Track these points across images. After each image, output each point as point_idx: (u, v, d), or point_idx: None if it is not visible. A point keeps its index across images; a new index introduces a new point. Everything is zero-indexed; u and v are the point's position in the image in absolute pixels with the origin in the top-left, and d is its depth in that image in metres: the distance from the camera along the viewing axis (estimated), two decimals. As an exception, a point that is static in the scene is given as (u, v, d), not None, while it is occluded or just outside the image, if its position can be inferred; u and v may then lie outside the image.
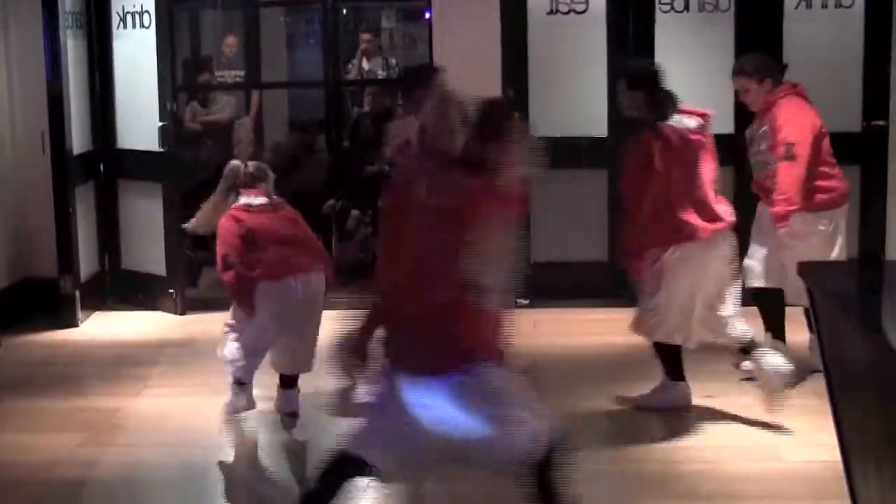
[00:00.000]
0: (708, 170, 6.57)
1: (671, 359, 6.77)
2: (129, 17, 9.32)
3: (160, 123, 9.15)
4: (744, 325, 6.65)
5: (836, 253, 7.19)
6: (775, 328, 7.27)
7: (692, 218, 6.43)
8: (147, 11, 9.16)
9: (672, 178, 6.41)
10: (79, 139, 9.20)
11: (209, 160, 11.91)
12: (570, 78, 9.22)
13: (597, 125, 9.15)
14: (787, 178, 6.91)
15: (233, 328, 6.72)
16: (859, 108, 8.95)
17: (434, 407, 4.34)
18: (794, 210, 6.91)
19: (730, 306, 6.63)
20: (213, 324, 9.05)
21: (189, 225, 7.05)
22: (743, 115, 8.97)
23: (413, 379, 4.36)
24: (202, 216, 6.88)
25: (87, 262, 9.36)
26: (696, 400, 6.87)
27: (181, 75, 11.77)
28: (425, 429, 4.34)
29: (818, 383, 5.84)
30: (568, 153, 8.36)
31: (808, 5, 9.03)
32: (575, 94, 9.22)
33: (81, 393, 7.55)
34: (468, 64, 9.01)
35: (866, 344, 3.66)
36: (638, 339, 7.95)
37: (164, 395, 7.47)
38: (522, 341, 7.40)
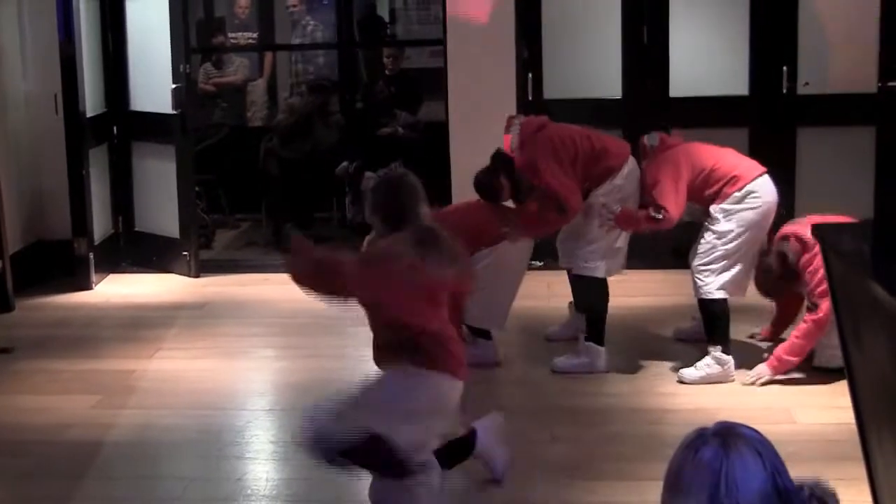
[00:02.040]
0: None
1: None
2: (142, -22, 9.31)
3: (173, 85, 9.13)
4: None
5: None
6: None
7: None
8: (160, -28, 9.14)
9: None
10: (92, 101, 9.19)
11: (222, 122, 11.93)
12: (585, 39, 9.18)
13: (611, 87, 9.12)
14: None
15: None
16: (875, 69, 8.89)
17: None
18: None
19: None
20: (227, 286, 9.10)
21: None
22: (758, 77, 8.97)
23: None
24: None
25: (100, 224, 9.37)
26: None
27: (194, 37, 11.75)
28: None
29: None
30: (582, 114, 8.31)
31: (826, -35, 8.97)
32: (589, 55, 9.18)
33: (96, 355, 7.57)
34: (482, 25, 8.99)
35: (881, 305, 3.64)
36: (649, 301, 7.98)
37: (178, 357, 7.49)
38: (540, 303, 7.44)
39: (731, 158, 6.86)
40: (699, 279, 6.73)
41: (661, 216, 6.62)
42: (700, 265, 6.72)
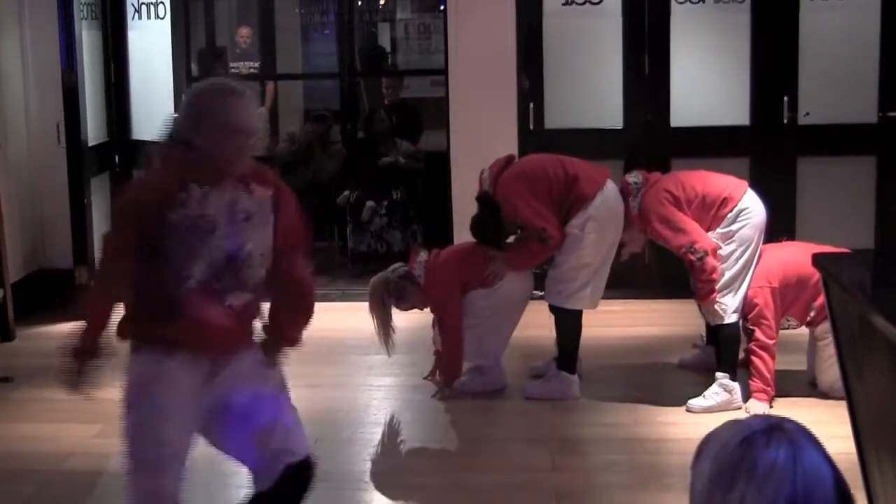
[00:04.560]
0: None
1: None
2: (143, 8, 9.34)
3: (175, 115, 9.13)
4: None
5: None
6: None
7: None
8: (162, 2, 9.19)
9: None
10: (94, 130, 9.21)
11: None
12: (586, 69, 9.20)
13: (612, 117, 9.13)
14: None
15: None
16: (875, 99, 8.92)
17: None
18: None
19: None
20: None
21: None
22: (759, 106, 8.98)
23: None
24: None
25: (102, 253, 9.36)
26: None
27: (196, 66, 11.78)
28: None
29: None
30: (583, 144, 8.33)
31: (825, -5, 9.00)
32: (590, 85, 9.21)
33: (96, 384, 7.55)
34: (483, 55, 9.02)
35: (881, 333, 3.65)
36: (651, 331, 7.98)
37: (179, 385, 7.46)
38: (540, 333, 7.44)
39: (716, 181, 6.86)
40: (716, 306, 6.73)
41: (701, 256, 6.61)
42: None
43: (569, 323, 7.02)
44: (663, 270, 7.89)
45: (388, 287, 6.95)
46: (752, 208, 6.71)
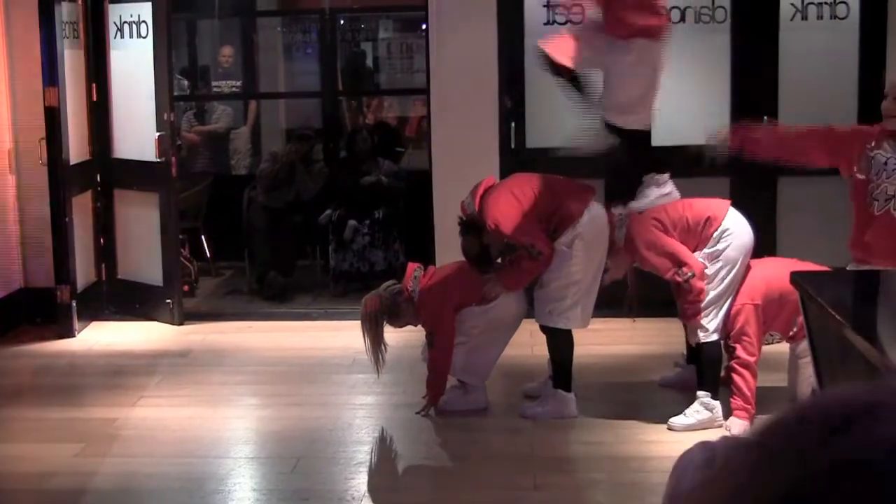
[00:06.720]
0: None
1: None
2: (126, 27, 9.34)
3: (157, 133, 9.16)
4: None
5: None
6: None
7: None
8: (144, 21, 9.18)
9: None
10: (76, 149, 9.20)
11: (206, 170, 11.96)
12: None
13: (593, 136, 9.15)
14: None
15: None
16: (855, 119, 8.95)
17: None
18: None
19: None
20: (211, 334, 9.09)
21: None
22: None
23: None
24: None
25: (83, 271, 9.36)
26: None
27: (178, 85, 11.79)
28: None
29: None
30: (564, 163, 8.34)
31: (804, 17, 9.04)
32: (571, 104, 9.22)
33: (78, 403, 7.56)
34: (465, 74, 9.04)
35: (858, 352, 3.67)
36: (632, 350, 8.02)
37: (161, 405, 7.47)
38: (523, 352, 7.46)
39: (698, 203, 6.92)
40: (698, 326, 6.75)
41: (688, 278, 6.64)
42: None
43: (561, 342, 7.04)
44: (644, 291, 7.92)
45: (381, 304, 6.97)
46: (734, 229, 6.75)
